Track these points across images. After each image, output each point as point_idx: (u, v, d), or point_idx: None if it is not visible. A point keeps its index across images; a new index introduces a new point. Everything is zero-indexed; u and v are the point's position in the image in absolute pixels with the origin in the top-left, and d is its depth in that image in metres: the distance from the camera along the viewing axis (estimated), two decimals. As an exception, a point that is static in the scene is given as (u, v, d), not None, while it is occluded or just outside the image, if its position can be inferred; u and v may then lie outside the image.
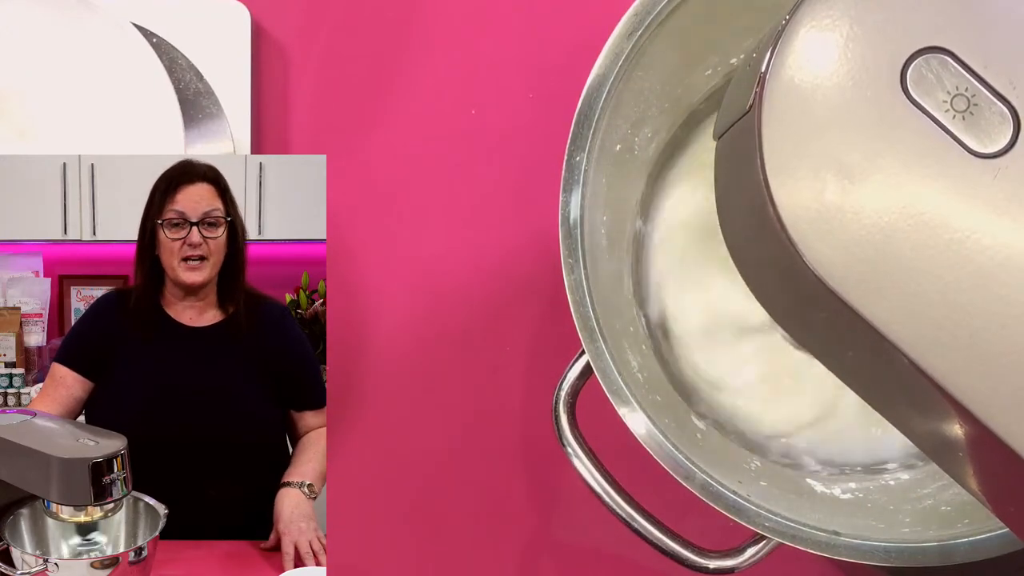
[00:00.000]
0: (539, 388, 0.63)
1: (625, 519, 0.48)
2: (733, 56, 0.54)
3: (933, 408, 0.33)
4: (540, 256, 0.63)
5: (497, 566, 0.63)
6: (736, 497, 0.47)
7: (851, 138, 0.32)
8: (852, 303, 0.32)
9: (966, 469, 0.36)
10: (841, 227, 0.32)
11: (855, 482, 0.54)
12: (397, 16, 0.65)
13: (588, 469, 0.48)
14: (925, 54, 0.32)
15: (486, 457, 0.63)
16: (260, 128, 0.64)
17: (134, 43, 0.60)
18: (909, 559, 0.47)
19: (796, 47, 0.33)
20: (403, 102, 0.64)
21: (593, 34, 0.50)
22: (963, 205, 0.32)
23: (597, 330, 0.48)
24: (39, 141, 0.60)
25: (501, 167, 0.64)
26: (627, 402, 0.47)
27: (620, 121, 0.51)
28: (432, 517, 0.63)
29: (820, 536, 0.47)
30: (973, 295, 0.32)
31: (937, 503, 0.51)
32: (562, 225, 0.48)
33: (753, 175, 0.33)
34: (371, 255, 0.64)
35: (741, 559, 0.48)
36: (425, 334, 0.64)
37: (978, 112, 0.32)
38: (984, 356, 0.32)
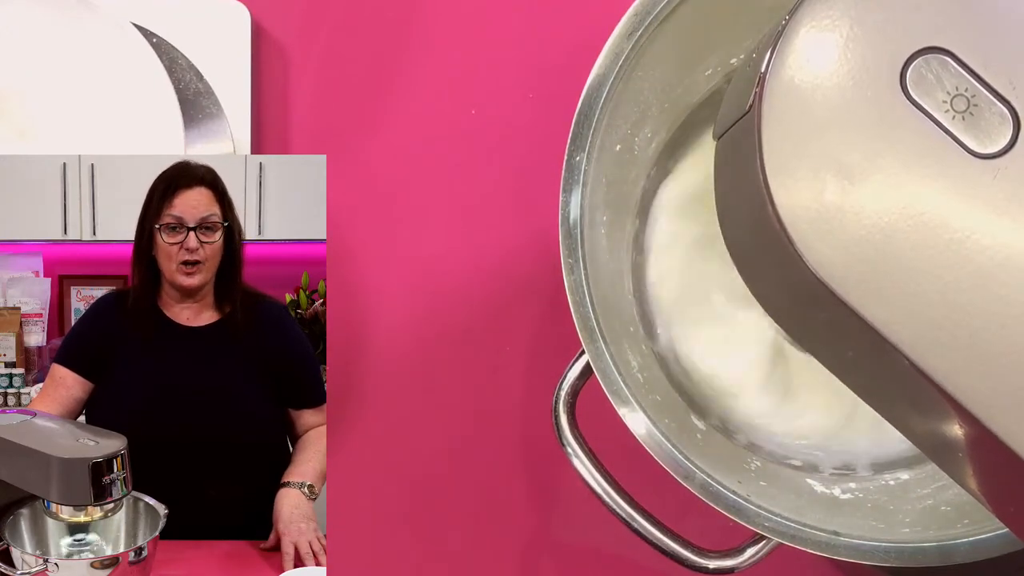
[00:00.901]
0: (539, 388, 0.63)
1: (625, 519, 0.48)
2: (733, 56, 0.54)
3: (933, 408, 0.33)
4: (540, 256, 0.63)
5: (497, 566, 0.63)
6: (736, 497, 0.47)
7: (851, 138, 0.32)
8: (852, 303, 0.32)
9: (966, 469, 0.36)
10: (841, 227, 0.32)
11: (855, 482, 0.54)
12: (397, 16, 0.65)
13: (588, 469, 0.48)
14: (925, 54, 0.32)
15: (486, 457, 0.63)
16: (260, 128, 0.64)
17: (134, 43, 0.60)
18: (909, 559, 0.47)
19: (796, 47, 0.33)
20: (403, 102, 0.64)
21: (593, 34, 0.50)
22: (963, 205, 0.32)
23: (597, 330, 0.48)
24: (39, 141, 0.60)
25: (501, 167, 0.64)
26: (627, 402, 0.47)
27: (620, 121, 0.51)
28: (432, 517, 0.63)
29: (820, 536, 0.47)
30: (973, 295, 0.32)
31: (937, 503, 0.51)
32: (562, 225, 0.48)
33: (753, 175, 0.33)
34: (371, 255, 0.64)
35: (741, 559, 0.48)
36: (425, 334, 0.64)
37: (978, 112, 0.32)
38: (984, 356, 0.32)
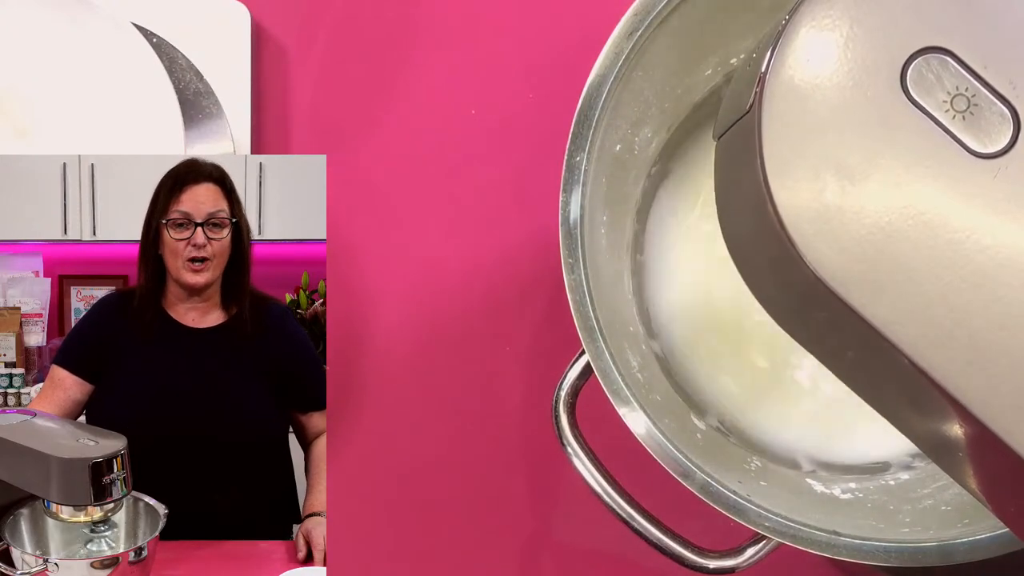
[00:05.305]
0: (539, 388, 0.62)
1: (625, 519, 0.48)
2: (733, 56, 0.54)
3: (933, 408, 0.33)
4: (540, 256, 0.63)
5: (497, 566, 0.63)
6: (736, 497, 0.47)
7: (851, 138, 0.32)
8: (852, 303, 0.32)
9: (966, 469, 0.36)
10: (841, 227, 0.32)
11: (855, 482, 0.54)
12: (397, 16, 0.65)
13: (588, 469, 0.48)
14: (925, 54, 0.32)
15: (486, 457, 0.63)
16: (260, 128, 0.64)
17: (134, 43, 0.60)
18: (909, 559, 0.47)
19: (796, 47, 0.33)
20: (403, 102, 0.64)
21: (593, 34, 0.50)
22: (963, 205, 0.32)
23: (597, 330, 0.48)
24: (39, 141, 0.60)
25: (501, 167, 0.64)
26: (627, 402, 0.47)
27: (620, 121, 0.51)
28: (432, 517, 0.63)
29: (820, 536, 0.47)
30: (973, 295, 0.32)
31: (937, 503, 0.51)
32: (562, 225, 0.48)
33: (753, 175, 0.33)
34: (371, 255, 0.64)
35: (741, 559, 0.48)
36: (425, 334, 0.63)
37: (978, 112, 0.32)
38: (984, 356, 0.32)
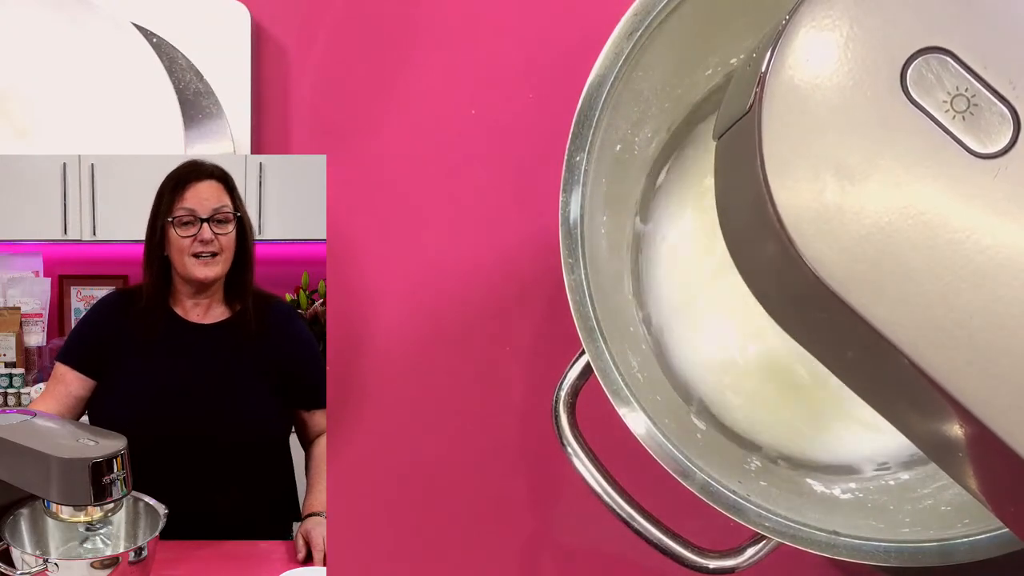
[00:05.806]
0: (539, 388, 0.62)
1: (625, 519, 0.48)
2: (733, 56, 0.54)
3: (933, 408, 0.33)
4: (540, 256, 0.63)
5: (497, 566, 0.63)
6: (736, 497, 0.47)
7: (851, 138, 0.32)
8: (852, 303, 0.32)
9: (966, 469, 0.36)
10: (841, 227, 0.32)
11: (855, 482, 0.54)
12: (397, 16, 0.65)
13: (588, 469, 0.48)
14: (925, 54, 0.32)
15: (486, 457, 0.63)
16: (260, 128, 0.64)
17: (134, 43, 0.60)
18: (909, 559, 0.47)
19: (796, 47, 0.33)
20: (403, 102, 0.64)
21: (593, 34, 0.50)
22: (963, 205, 0.32)
23: (597, 330, 0.48)
24: (39, 141, 0.60)
25: (501, 167, 0.64)
26: (627, 402, 0.47)
27: (620, 121, 0.51)
28: (432, 516, 0.63)
29: (820, 536, 0.47)
30: (973, 295, 0.32)
31: (937, 503, 0.51)
32: (562, 225, 0.48)
33: (753, 175, 0.33)
34: (371, 255, 0.64)
35: (741, 559, 0.48)
36: (425, 334, 0.63)
37: (978, 112, 0.32)
38: (984, 356, 0.32)
